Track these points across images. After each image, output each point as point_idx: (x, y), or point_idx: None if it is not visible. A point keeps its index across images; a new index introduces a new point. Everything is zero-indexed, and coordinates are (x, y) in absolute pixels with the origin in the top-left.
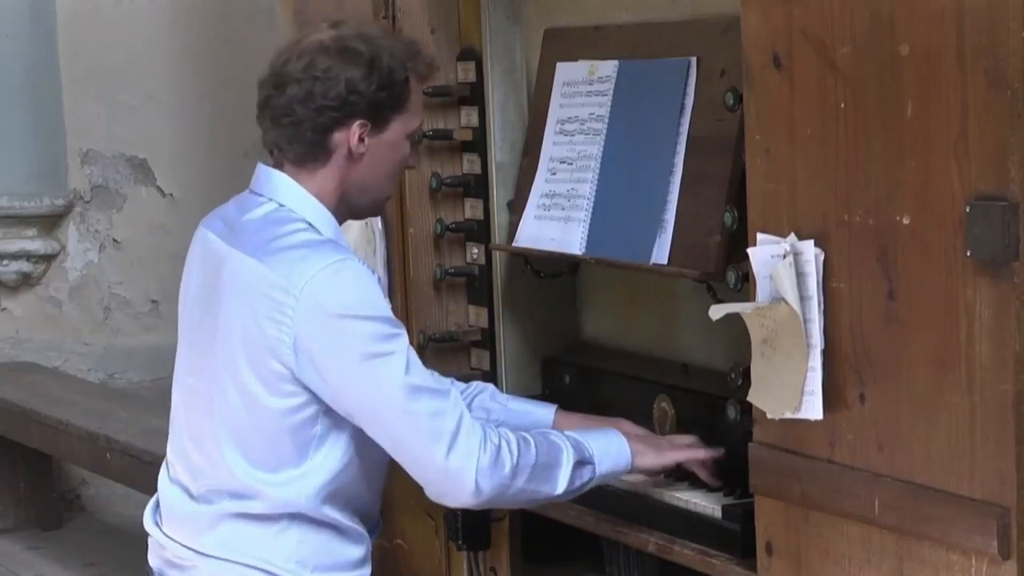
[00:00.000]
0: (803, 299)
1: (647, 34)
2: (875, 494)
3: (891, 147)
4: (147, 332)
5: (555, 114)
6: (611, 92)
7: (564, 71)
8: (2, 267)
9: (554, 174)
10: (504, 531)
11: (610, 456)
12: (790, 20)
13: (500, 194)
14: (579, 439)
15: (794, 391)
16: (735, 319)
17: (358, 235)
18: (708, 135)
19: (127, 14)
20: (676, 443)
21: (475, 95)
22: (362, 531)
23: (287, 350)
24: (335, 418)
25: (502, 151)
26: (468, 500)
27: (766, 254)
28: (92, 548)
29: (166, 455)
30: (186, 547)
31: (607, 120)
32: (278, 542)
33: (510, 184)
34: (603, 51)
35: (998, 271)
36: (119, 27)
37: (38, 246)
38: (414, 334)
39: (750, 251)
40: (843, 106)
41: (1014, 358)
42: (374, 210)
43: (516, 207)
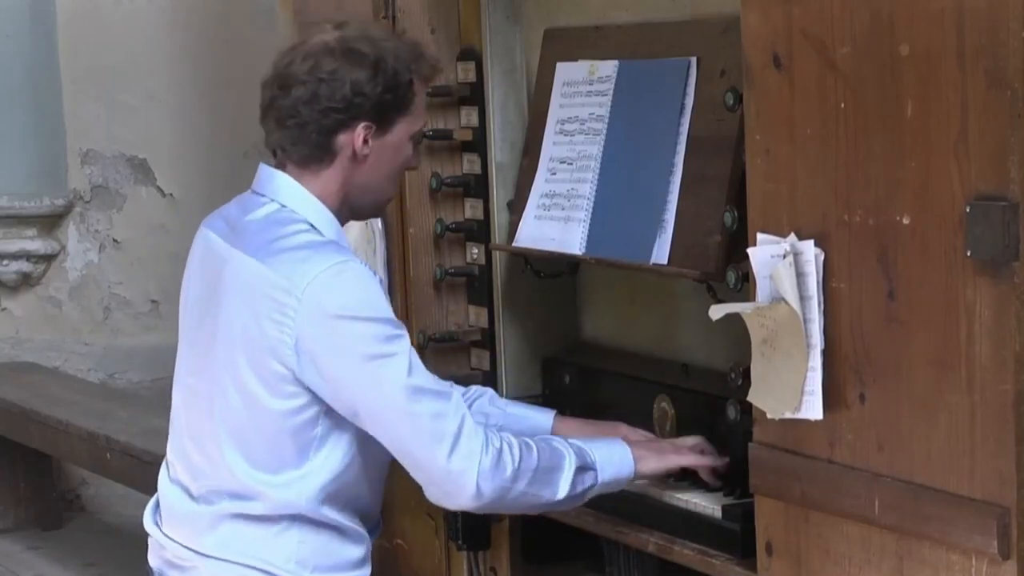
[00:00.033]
0: (803, 299)
1: (647, 34)
2: (875, 494)
3: (891, 147)
4: (147, 332)
5: (555, 114)
6: (611, 92)
7: (564, 71)
8: (2, 267)
9: (554, 174)
10: (504, 531)
11: (613, 464)
12: (790, 20)
13: (500, 194)
14: (582, 446)
15: (794, 391)
16: (735, 319)
17: (358, 235)
18: (708, 135)
19: (127, 14)
20: (680, 445)
21: (475, 95)
22: (362, 531)
23: (288, 351)
24: (336, 419)
25: (502, 151)
26: (469, 503)
27: (766, 254)
28: (92, 548)
29: (166, 455)
30: (186, 547)
31: (607, 120)
32: (278, 543)
33: (510, 184)
34: (603, 51)
35: (998, 271)
36: (119, 27)
37: (38, 246)
38: (414, 334)
39: (750, 251)
40: (843, 106)
41: (1014, 358)
42: (376, 211)
43: (516, 207)
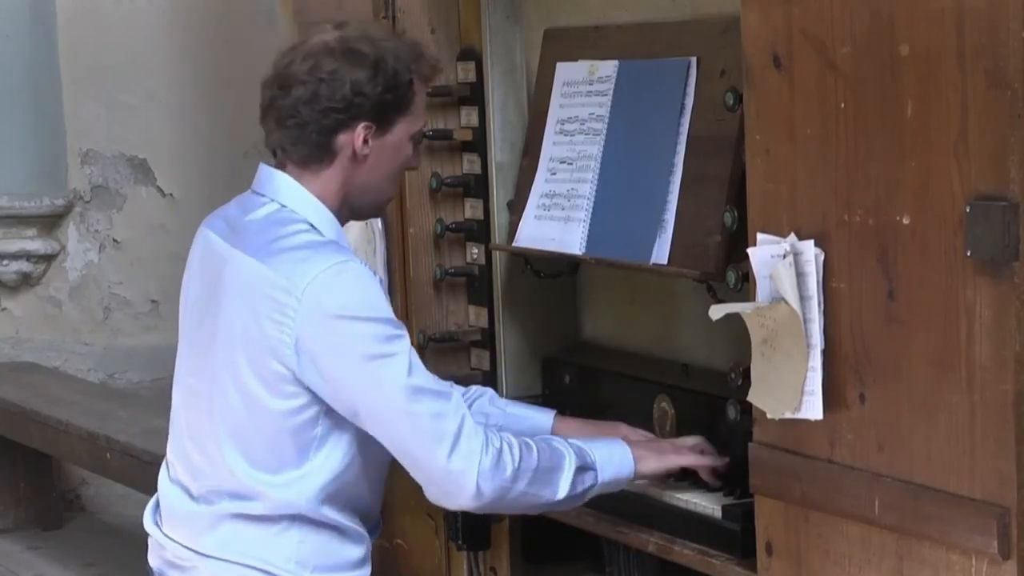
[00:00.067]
0: (803, 299)
1: (647, 34)
2: (875, 494)
3: (891, 147)
4: (147, 332)
5: (555, 114)
6: (611, 92)
7: (564, 71)
8: (2, 267)
9: (554, 174)
10: (504, 531)
11: (613, 464)
12: (790, 20)
13: (500, 194)
14: (582, 446)
15: (794, 391)
16: (735, 319)
17: (358, 235)
18: (708, 135)
19: (127, 14)
20: (680, 445)
21: (475, 95)
22: (362, 531)
23: (288, 351)
24: (336, 419)
25: (502, 151)
26: (469, 502)
27: (766, 254)
28: (92, 548)
29: (166, 455)
30: (186, 547)
31: (607, 120)
32: (278, 543)
33: (510, 184)
34: (603, 51)
35: (998, 271)
36: (119, 27)
37: (38, 246)
38: (414, 334)
39: (750, 251)
40: (843, 106)
41: (1014, 358)
42: (376, 211)
43: (516, 207)
